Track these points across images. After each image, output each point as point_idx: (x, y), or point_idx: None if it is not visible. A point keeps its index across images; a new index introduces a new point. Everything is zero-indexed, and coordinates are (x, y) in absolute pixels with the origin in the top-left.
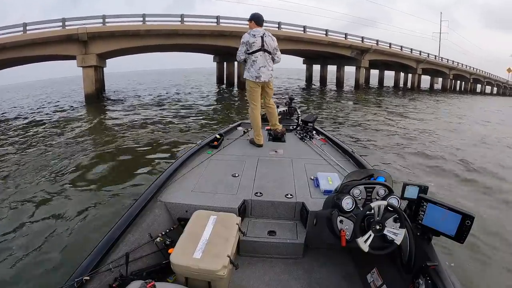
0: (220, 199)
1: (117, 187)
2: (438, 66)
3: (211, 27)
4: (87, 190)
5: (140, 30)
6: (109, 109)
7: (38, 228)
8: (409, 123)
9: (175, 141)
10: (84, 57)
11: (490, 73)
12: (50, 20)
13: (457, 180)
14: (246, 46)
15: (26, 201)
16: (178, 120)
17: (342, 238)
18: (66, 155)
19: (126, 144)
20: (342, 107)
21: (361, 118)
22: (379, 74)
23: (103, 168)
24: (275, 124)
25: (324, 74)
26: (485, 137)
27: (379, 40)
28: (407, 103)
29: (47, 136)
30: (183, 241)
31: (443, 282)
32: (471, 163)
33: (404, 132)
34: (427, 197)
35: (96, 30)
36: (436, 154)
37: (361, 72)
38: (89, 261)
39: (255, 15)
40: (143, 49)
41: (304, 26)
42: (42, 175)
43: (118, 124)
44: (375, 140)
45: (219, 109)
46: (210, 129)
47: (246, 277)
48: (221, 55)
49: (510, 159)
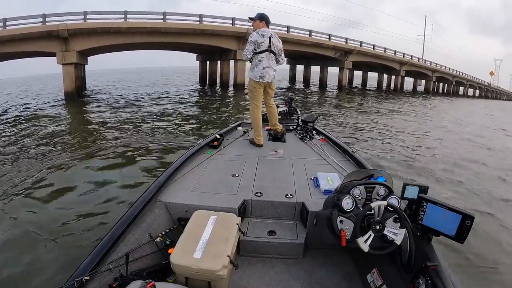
0: (220, 199)
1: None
2: (421, 68)
3: (194, 26)
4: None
5: (122, 27)
6: (89, 107)
7: (38, 228)
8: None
9: (148, 141)
10: (64, 54)
11: (473, 76)
12: (30, 16)
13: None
14: (254, 46)
15: (24, 199)
16: (153, 119)
17: (342, 238)
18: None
19: (102, 143)
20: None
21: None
22: (362, 75)
23: (80, 169)
24: (275, 124)
25: (307, 74)
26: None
27: (363, 41)
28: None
29: (20, 133)
30: (183, 241)
31: (443, 282)
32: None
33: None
34: (427, 197)
35: (77, 26)
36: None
37: (344, 73)
38: (89, 261)
39: (264, 15)
40: (125, 46)
41: (288, 26)
42: (27, 177)
43: (98, 122)
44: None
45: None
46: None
47: (246, 277)
48: (204, 54)
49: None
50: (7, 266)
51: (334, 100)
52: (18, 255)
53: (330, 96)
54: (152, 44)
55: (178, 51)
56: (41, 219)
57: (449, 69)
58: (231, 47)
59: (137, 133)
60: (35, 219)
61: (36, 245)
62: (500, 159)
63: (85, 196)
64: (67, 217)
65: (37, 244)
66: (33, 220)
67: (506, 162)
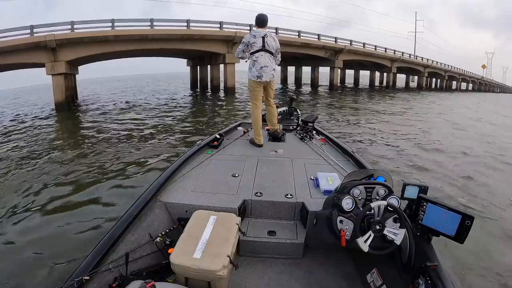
0: (220, 199)
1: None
2: (413, 64)
3: (181, 31)
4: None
5: (109, 36)
6: (80, 118)
7: (37, 228)
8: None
9: (142, 145)
10: (53, 64)
11: (465, 70)
12: (18, 28)
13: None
14: (246, 46)
15: (25, 202)
16: (148, 126)
17: (342, 238)
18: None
19: (94, 150)
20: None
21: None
22: (354, 74)
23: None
24: (274, 124)
25: (299, 75)
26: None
27: (352, 40)
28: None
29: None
30: (183, 241)
31: (443, 282)
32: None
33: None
34: (427, 197)
35: (64, 36)
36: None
37: (335, 72)
38: (89, 261)
39: (256, 17)
40: (114, 54)
41: (276, 28)
42: (29, 183)
43: (90, 132)
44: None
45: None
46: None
47: (246, 277)
48: (194, 59)
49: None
50: (7, 266)
51: (325, 100)
52: (18, 255)
53: (322, 96)
54: (141, 51)
55: (169, 57)
56: (41, 219)
57: (441, 64)
58: (220, 51)
59: (128, 143)
60: (34, 219)
61: (36, 246)
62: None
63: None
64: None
65: (37, 244)
66: (32, 220)
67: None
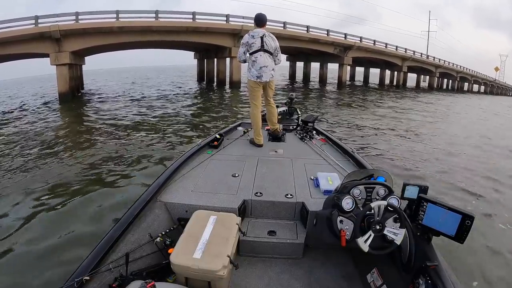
0: (220, 199)
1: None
2: (424, 64)
3: (186, 23)
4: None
5: (113, 27)
6: (84, 108)
7: (37, 228)
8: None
9: (145, 138)
10: (57, 55)
11: (478, 71)
12: (22, 18)
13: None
14: (246, 47)
15: (25, 200)
16: (147, 116)
17: (342, 238)
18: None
19: (93, 142)
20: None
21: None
22: (364, 71)
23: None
24: (274, 124)
25: (307, 71)
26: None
27: (363, 37)
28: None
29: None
30: (183, 241)
31: (443, 282)
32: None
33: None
34: (427, 197)
35: (69, 27)
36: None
37: (344, 69)
38: (89, 261)
39: (255, 16)
40: (118, 46)
41: (284, 22)
42: (28, 178)
43: (92, 122)
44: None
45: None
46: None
47: (246, 277)
48: (201, 52)
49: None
50: (7, 267)
51: (332, 97)
52: (18, 255)
53: (330, 92)
54: (145, 43)
55: (176, 50)
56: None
57: (453, 64)
58: (226, 44)
59: (128, 135)
60: (34, 219)
61: (36, 246)
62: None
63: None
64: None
65: (37, 244)
66: (32, 220)
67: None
